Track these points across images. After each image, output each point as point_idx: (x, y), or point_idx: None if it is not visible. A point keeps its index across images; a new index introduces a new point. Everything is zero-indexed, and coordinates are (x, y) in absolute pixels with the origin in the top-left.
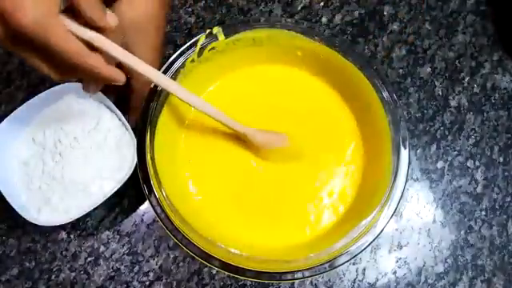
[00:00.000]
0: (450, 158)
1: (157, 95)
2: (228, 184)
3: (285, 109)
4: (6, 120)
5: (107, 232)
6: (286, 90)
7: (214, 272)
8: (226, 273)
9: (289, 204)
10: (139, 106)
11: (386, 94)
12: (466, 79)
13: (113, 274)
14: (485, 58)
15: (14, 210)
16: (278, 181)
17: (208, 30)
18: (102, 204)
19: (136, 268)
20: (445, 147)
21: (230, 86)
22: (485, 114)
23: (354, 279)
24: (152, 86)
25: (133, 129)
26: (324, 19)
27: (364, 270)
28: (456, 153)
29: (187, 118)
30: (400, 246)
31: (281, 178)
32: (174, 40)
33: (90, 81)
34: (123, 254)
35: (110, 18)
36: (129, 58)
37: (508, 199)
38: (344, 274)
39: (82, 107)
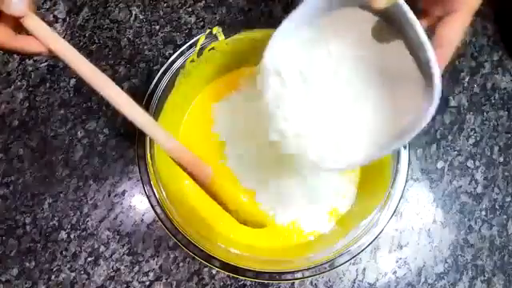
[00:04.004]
0: (450, 158)
1: (156, 95)
2: None
3: None
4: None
5: (107, 232)
6: None
7: (214, 272)
8: (226, 273)
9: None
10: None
11: None
12: (466, 79)
13: (113, 274)
14: (485, 58)
15: (13, 210)
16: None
17: (208, 30)
18: (101, 204)
19: (136, 268)
20: (445, 147)
21: (230, 86)
22: (485, 114)
23: (354, 279)
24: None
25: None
26: None
27: (364, 270)
28: (456, 153)
29: (186, 116)
30: (400, 246)
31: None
32: (174, 40)
33: None
34: (123, 254)
35: None
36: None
37: (508, 199)
38: (344, 274)
39: None
